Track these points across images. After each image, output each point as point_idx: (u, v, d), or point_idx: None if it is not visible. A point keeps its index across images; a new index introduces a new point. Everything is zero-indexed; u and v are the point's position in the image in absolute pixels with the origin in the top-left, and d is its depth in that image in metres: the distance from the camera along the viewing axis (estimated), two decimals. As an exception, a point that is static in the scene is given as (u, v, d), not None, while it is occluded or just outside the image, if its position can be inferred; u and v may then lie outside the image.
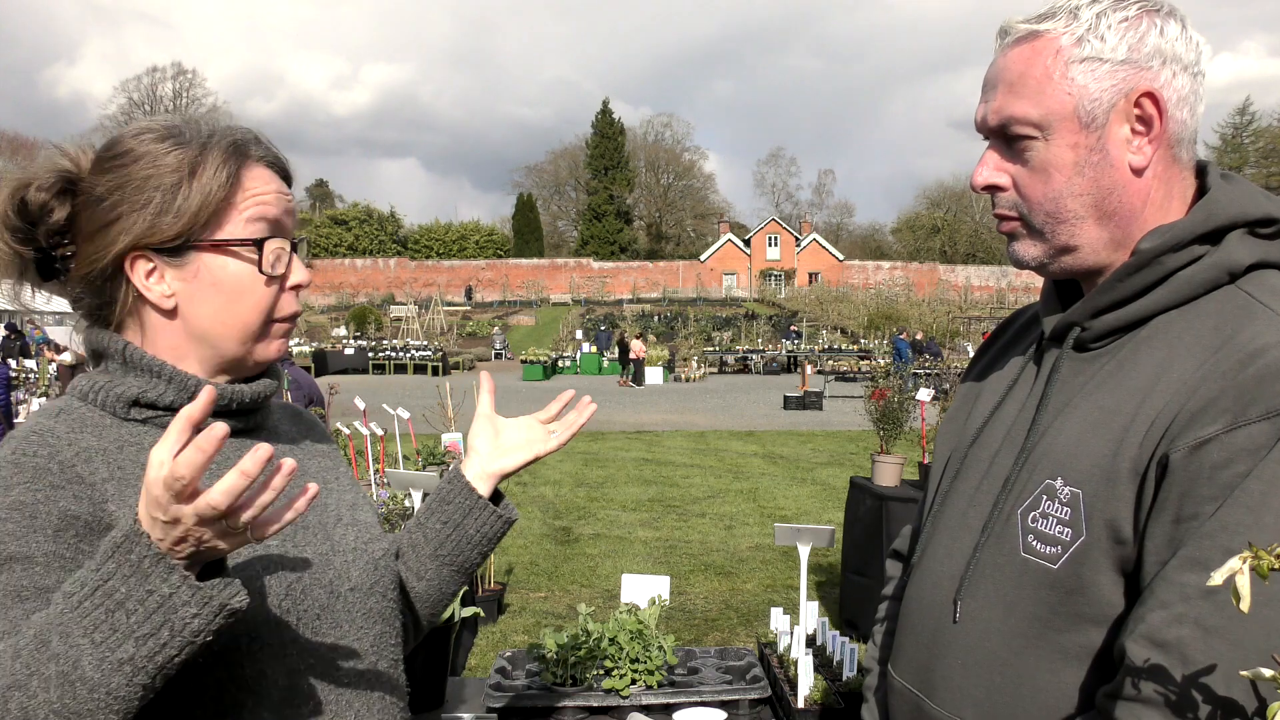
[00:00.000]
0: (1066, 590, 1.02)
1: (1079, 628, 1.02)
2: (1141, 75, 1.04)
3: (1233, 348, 0.98)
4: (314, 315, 46.85)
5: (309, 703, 1.05)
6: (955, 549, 1.16)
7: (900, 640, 1.26)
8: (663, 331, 40.36)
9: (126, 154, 1.05)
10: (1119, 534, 0.99)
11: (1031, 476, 1.08)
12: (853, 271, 63.64)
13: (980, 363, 1.37)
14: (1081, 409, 1.07)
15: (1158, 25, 1.05)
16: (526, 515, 8.81)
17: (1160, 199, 1.09)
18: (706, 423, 17.32)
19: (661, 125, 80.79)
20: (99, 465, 1.00)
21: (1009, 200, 1.13)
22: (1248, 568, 0.67)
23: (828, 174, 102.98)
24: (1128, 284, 1.07)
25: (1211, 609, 0.88)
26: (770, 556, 7.30)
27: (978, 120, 1.14)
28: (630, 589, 2.56)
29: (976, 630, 1.10)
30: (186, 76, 65.68)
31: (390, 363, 31.14)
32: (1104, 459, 1.01)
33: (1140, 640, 0.92)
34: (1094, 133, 1.06)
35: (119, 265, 1.05)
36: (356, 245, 66.50)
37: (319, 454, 1.27)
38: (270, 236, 1.09)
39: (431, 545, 1.30)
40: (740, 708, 2.17)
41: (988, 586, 1.10)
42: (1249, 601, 0.67)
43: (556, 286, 59.72)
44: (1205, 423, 0.94)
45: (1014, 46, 1.10)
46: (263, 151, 1.12)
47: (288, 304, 1.13)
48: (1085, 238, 1.10)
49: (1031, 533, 1.06)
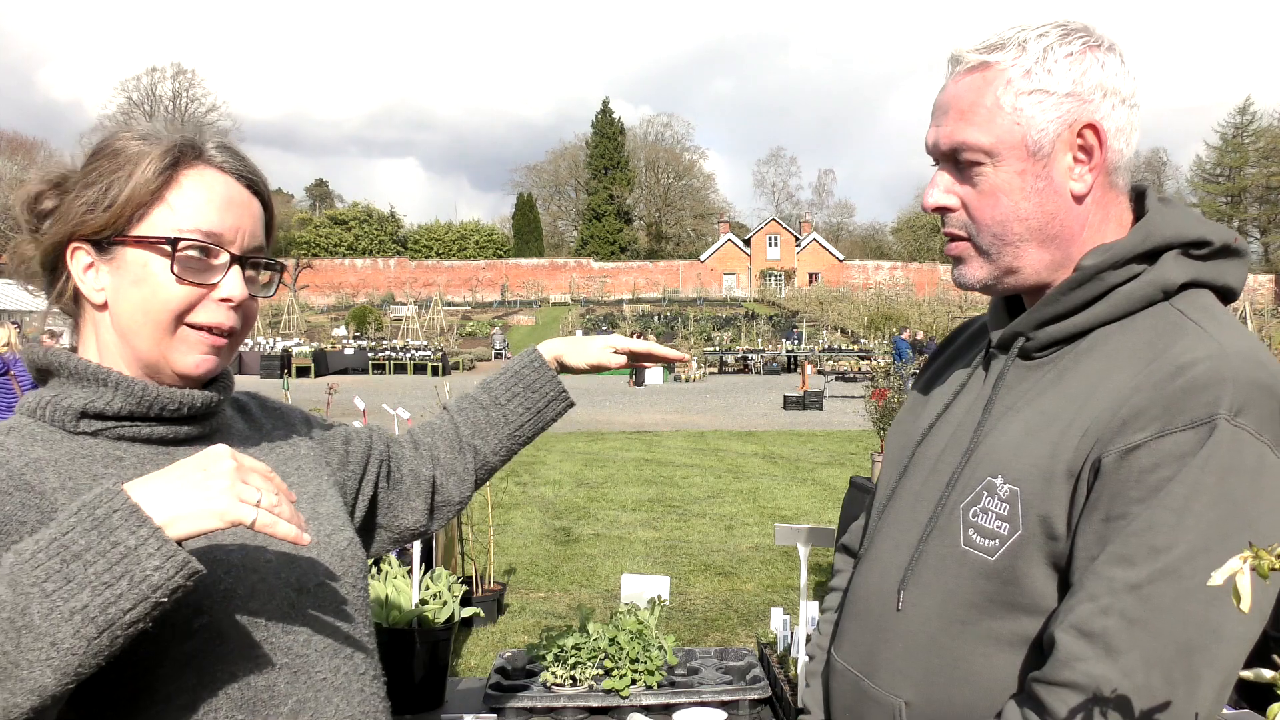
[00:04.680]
0: (1002, 581, 1.09)
1: (1013, 616, 1.09)
2: (1084, 107, 1.11)
3: (1163, 361, 1.05)
4: (314, 315, 46.88)
5: (286, 701, 1.04)
6: (902, 541, 1.22)
7: (845, 626, 1.32)
8: (663, 332, 40.33)
9: (98, 150, 1.07)
10: (1053, 530, 1.06)
11: (974, 474, 1.15)
12: (853, 271, 63.63)
13: (929, 370, 1.44)
14: (1024, 413, 1.14)
15: (1099, 60, 1.12)
16: (526, 515, 8.81)
17: (1097, 223, 1.16)
18: (707, 423, 17.32)
19: (661, 125, 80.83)
20: (49, 475, 0.99)
21: (959, 220, 1.18)
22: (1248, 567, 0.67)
23: (828, 174, 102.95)
24: (1070, 298, 1.14)
25: (1135, 602, 0.96)
26: (770, 556, 7.30)
27: (929, 144, 1.19)
28: (630, 589, 2.56)
29: (918, 616, 1.16)
30: (186, 76, 65.61)
31: (390, 363, 31.14)
32: (1042, 459, 1.08)
33: (1069, 630, 0.98)
34: (1040, 160, 1.12)
35: (60, 254, 1.07)
36: (356, 245, 66.43)
37: (275, 445, 1.25)
38: (196, 237, 1.06)
39: (511, 426, 1.50)
40: (740, 708, 2.17)
41: (929, 576, 1.16)
42: (1249, 601, 0.67)
43: (556, 286, 59.71)
44: (1136, 430, 1.01)
45: (965, 75, 1.15)
46: (225, 157, 1.10)
47: (210, 313, 1.08)
48: (1027, 259, 1.16)
49: (972, 526, 1.13)
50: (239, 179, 1.11)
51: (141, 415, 1.06)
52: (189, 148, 1.08)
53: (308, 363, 28.74)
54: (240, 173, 1.11)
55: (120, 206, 1.04)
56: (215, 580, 1.01)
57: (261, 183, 1.15)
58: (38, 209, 1.08)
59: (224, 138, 1.12)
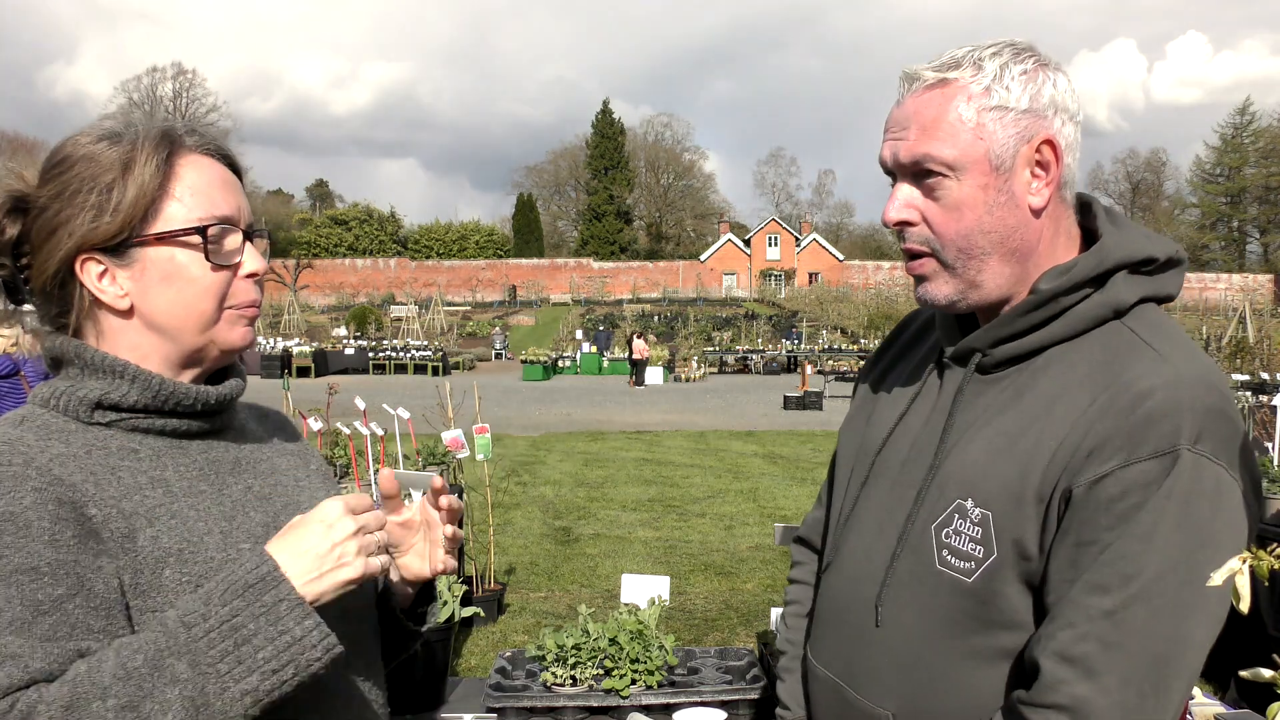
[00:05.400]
0: (980, 600, 1.15)
1: (991, 632, 1.15)
2: (1040, 123, 1.15)
3: (1120, 386, 1.10)
4: (314, 315, 46.88)
5: (286, 706, 1.04)
6: (873, 552, 1.26)
7: (821, 631, 1.37)
8: (663, 331, 40.35)
9: (64, 160, 1.05)
10: (1025, 552, 1.12)
11: (943, 494, 1.19)
12: (853, 271, 63.64)
13: (878, 366, 1.46)
14: (985, 433, 1.18)
15: (1051, 78, 1.16)
16: (526, 515, 8.82)
17: (1051, 236, 1.20)
18: (707, 423, 17.32)
19: (661, 125, 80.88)
20: (73, 469, 0.99)
21: (920, 235, 1.20)
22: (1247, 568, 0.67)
23: (828, 174, 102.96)
24: (1025, 319, 1.18)
25: (1110, 627, 1.03)
26: (770, 556, 7.30)
27: (885, 158, 1.21)
28: (630, 589, 2.56)
29: (899, 633, 1.21)
30: (186, 76, 65.76)
31: (390, 363, 31.12)
32: (1011, 483, 1.13)
33: (1051, 656, 1.05)
34: (1002, 175, 1.15)
35: (70, 270, 1.05)
36: (356, 245, 66.47)
37: (288, 452, 1.26)
38: (215, 222, 1.07)
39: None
40: (740, 708, 2.18)
41: (907, 595, 1.21)
42: (1248, 602, 0.67)
43: (556, 286, 59.71)
44: (1102, 460, 1.07)
45: (925, 91, 1.17)
46: (199, 140, 1.10)
47: (243, 291, 1.12)
48: (990, 274, 1.19)
49: (946, 548, 1.17)
50: (219, 158, 1.12)
51: (156, 408, 1.07)
52: (173, 137, 1.08)
53: (308, 363, 28.73)
54: (219, 152, 1.13)
55: (130, 208, 1.03)
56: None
57: (234, 155, 1.16)
58: (1, 238, 1.06)
59: (184, 121, 1.13)
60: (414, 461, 6.11)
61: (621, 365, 31.47)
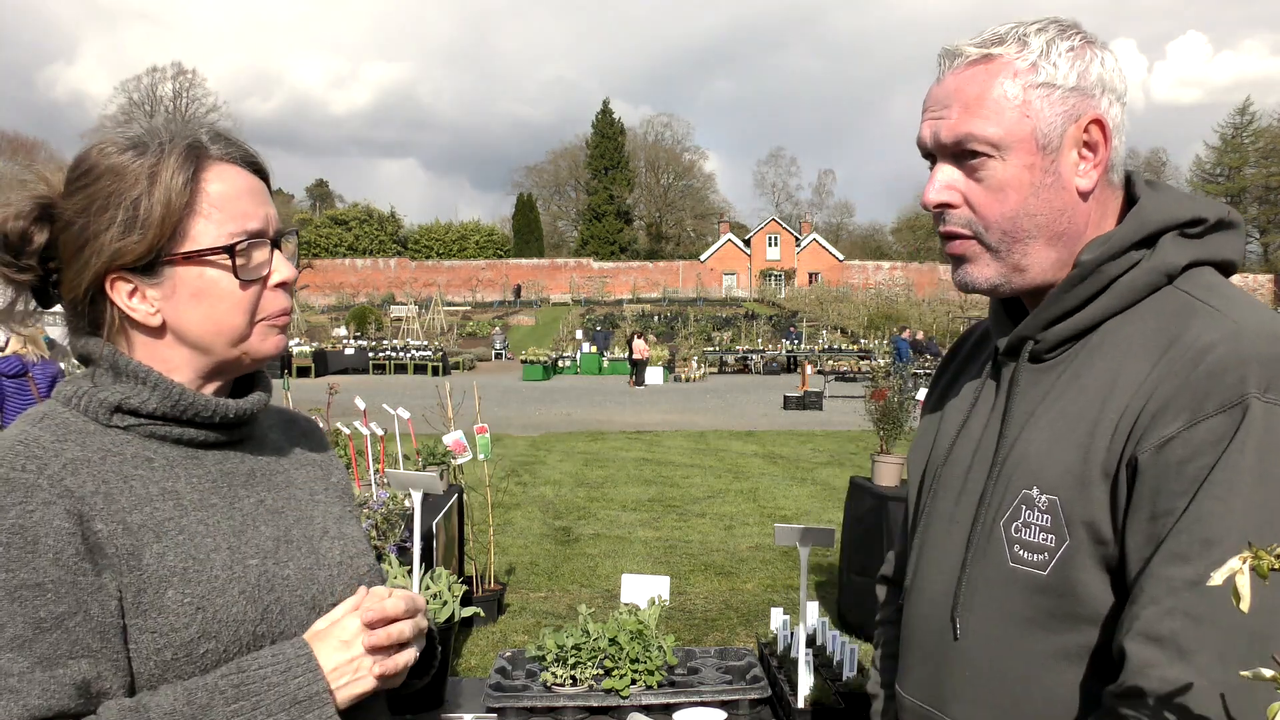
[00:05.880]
0: (1058, 594, 1.06)
1: (1075, 627, 1.06)
2: (1088, 102, 1.10)
3: (1181, 347, 1.03)
4: (314, 315, 46.85)
5: None
6: (945, 566, 1.20)
7: (905, 661, 1.29)
8: (663, 331, 40.34)
9: (90, 171, 1.04)
10: (1099, 535, 1.04)
11: (1008, 488, 1.12)
12: (853, 271, 63.59)
13: (939, 386, 1.40)
14: (1045, 418, 1.12)
15: (1099, 56, 1.11)
16: (527, 515, 8.82)
17: (1098, 219, 1.15)
18: (707, 423, 17.32)
19: (661, 125, 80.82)
20: (85, 478, 0.99)
21: (962, 218, 1.15)
22: (1248, 567, 0.67)
23: (828, 174, 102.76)
24: (1073, 294, 1.12)
25: (1196, 599, 0.93)
26: (770, 556, 7.30)
27: (925, 137, 1.15)
28: (630, 589, 2.56)
29: (978, 643, 1.14)
30: (186, 76, 65.72)
31: (390, 363, 31.13)
32: (1075, 464, 1.06)
33: (1137, 638, 0.96)
34: (1049, 155, 1.10)
35: (99, 288, 1.05)
36: (356, 245, 66.46)
37: (308, 463, 1.25)
38: (243, 239, 1.06)
39: None
40: (740, 708, 2.17)
41: (982, 599, 1.14)
42: (1249, 601, 0.67)
43: (556, 286, 59.69)
44: (1167, 422, 1.00)
45: (967, 68, 1.12)
46: (225, 148, 1.08)
47: (274, 302, 1.11)
48: (1035, 257, 1.13)
49: (1016, 542, 1.10)
50: (245, 165, 1.10)
51: (174, 417, 1.07)
52: (198, 149, 1.06)
53: (308, 363, 28.72)
54: (244, 159, 1.10)
55: (158, 227, 1.02)
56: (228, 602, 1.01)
57: (260, 159, 1.13)
58: (29, 248, 1.06)
59: (210, 127, 1.10)
60: (414, 462, 6.11)
61: (621, 365, 31.48)
